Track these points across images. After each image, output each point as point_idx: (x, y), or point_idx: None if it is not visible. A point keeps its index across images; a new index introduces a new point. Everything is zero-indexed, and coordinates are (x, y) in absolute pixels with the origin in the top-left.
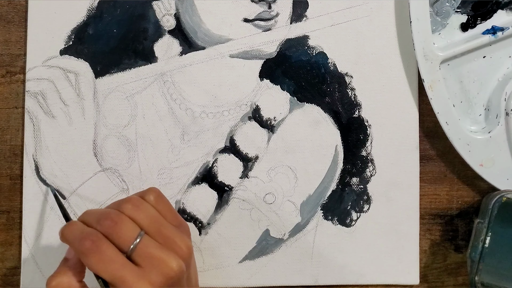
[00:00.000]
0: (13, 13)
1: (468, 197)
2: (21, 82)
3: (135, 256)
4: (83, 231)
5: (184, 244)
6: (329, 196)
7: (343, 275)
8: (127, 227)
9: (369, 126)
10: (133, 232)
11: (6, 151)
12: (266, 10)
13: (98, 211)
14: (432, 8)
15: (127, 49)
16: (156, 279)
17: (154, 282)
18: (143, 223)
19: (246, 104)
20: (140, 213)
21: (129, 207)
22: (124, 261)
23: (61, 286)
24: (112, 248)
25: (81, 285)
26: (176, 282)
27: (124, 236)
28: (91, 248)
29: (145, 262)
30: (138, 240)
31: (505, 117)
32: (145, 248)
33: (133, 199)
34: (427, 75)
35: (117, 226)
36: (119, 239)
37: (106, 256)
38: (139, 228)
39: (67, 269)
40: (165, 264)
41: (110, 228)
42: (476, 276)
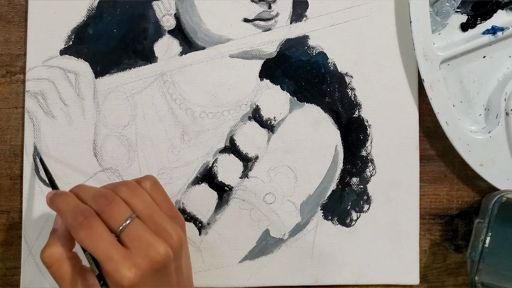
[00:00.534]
0: (13, 13)
1: (468, 197)
2: (21, 82)
3: (123, 237)
4: (77, 206)
5: (175, 233)
6: (329, 196)
7: (343, 275)
8: (120, 208)
9: (369, 126)
10: (125, 214)
11: (6, 151)
12: (266, 10)
13: (93, 189)
14: (432, 8)
15: (127, 49)
16: (142, 261)
17: (139, 264)
18: (136, 207)
19: (246, 104)
20: (134, 197)
21: (125, 189)
22: (113, 240)
23: (54, 256)
24: (102, 226)
25: (72, 255)
26: (162, 269)
27: (115, 216)
28: (83, 224)
29: (132, 244)
30: (128, 221)
31: (505, 117)
32: (135, 231)
33: (129, 183)
34: (427, 75)
35: (111, 205)
36: (111, 218)
37: (96, 233)
38: (132, 211)
39: (57, 239)
40: (152, 248)
41: (103, 206)
42: (476, 276)
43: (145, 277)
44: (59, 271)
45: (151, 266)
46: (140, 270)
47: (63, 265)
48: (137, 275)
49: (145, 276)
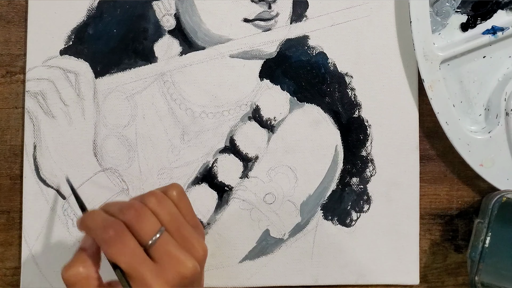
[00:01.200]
0: (13, 13)
1: (468, 197)
2: (21, 82)
3: (153, 251)
4: (107, 220)
5: (200, 246)
6: (329, 196)
7: (343, 275)
8: (149, 220)
9: (369, 126)
10: (155, 227)
11: (6, 151)
12: (266, 10)
13: (121, 202)
14: (432, 8)
15: (127, 49)
16: (172, 278)
17: (170, 281)
18: (164, 219)
19: (246, 104)
20: (162, 208)
21: (153, 201)
22: (144, 256)
23: (79, 276)
24: (134, 241)
25: (98, 276)
26: (190, 283)
27: (145, 229)
28: (114, 238)
29: (162, 259)
30: (158, 235)
31: (505, 117)
32: (165, 245)
33: (157, 193)
34: (427, 75)
35: (140, 218)
36: (141, 231)
37: (129, 248)
38: (160, 223)
39: (84, 259)
40: (182, 264)
41: (133, 218)
42: (476, 276)
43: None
44: None
45: (180, 281)
46: (170, 286)
47: (90, 281)
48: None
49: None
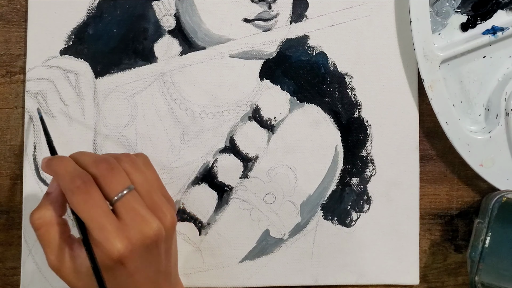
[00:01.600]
0: (13, 13)
1: (468, 197)
2: (21, 82)
3: (118, 207)
4: (76, 169)
5: (169, 213)
6: (329, 196)
7: (343, 275)
8: (121, 176)
9: (369, 126)
10: (124, 183)
11: (6, 151)
12: (266, 10)
13: (95, 154)
14: (432, 8)
15: (127, 49)
16: (134, 234)
17: (131, 237)
18: (135, 180)
19: (246, 104)
20: (135, 170)
21: (127, 160)
22: (107, 209)
23: (43, 219)
24: (99, 194)
25: (62, 221)
26: (153, 246)
27: (114, 184)
28: (81, 188)
29: (126, 215)
30: (125, 192)
31: (505, 117)
32: (131, 202)
33: (131, 156)
34: (427, 75)
35: (112, 172)
36: (109, 185)
37: (92, 199)
38: (131, 182)
39: (49, 203)
40: (146, 223)
41: (105, 170)
42: (476, 276)
43: (135, 251)
44: (46, 235)
45: (143, 241)
46: (131, 243)
47: (51, 229)
48: (127, 248)
49: (135, 250)
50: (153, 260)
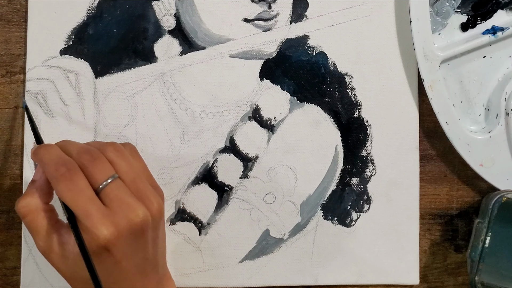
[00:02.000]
0: (13, 13)
1: (468, 197)
2: (21, 82)
3: (103, 196)
4: (61, 157)
5: (156, 200)
6: (329, 196)
7: (343, 275)
8: (104, 166)
9: (369, 126)
10: (108, 172)
11: (6, 151)
12: (266, 10)
13: (79, 144)
14: (432, 8)
15: (127, 49)
16: (120, 221)
17: (117, 224)
18: (120, 169)
19: (246, 104)
20: (119, 159)
21: (111, 149)
22: (94, 197)
23: (29, 207)
24: (84, 181)
25: (49, 207)
26: (139, 233)
27: (98, 174)
28: (65, 175)
29: (112, 203)
30: (109, 180)
31: (505, 117)
32: (116, 190)
33: (116, 144)
34: (427, 75)
35: (95, 162)
36: (94, 174)
37: (77, 186)
38: (115, 171)
39: (35, 190)
40: (132, 210)
41: (87, 161)
42: (476, 276)
43: (122, 238)
44: (33, 222)
45: (129, 227)
46: (118, 230)
47: (38, 216)
48: (113, 234)
49: (122, 236)
50: (140, 248)
